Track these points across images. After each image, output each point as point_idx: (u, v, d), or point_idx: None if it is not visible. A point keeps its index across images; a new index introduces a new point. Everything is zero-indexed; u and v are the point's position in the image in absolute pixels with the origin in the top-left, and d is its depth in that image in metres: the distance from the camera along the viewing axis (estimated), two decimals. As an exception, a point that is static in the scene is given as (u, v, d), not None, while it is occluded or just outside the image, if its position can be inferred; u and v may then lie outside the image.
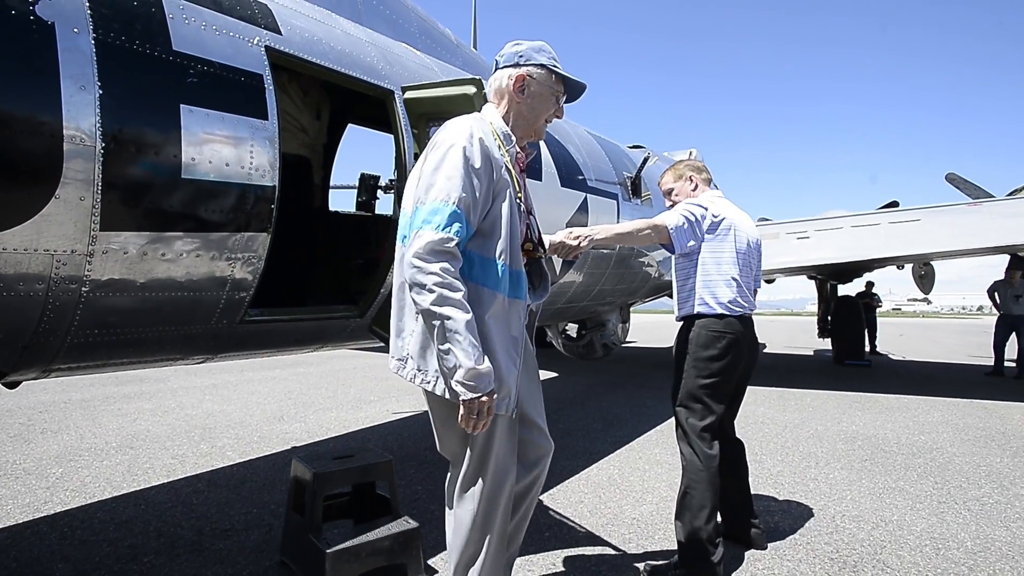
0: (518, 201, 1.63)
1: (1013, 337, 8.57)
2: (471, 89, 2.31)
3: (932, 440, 4.50)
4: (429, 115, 2.64)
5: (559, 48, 1.85)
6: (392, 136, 2.86)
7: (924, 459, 3.95)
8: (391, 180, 4.68)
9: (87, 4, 1.67)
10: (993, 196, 10.31)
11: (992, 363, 8.82)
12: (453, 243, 1.43)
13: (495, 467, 1.60)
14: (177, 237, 1.91)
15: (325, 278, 4.35)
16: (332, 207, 4.83)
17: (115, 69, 1.68)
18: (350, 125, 4.74)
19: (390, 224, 2.83)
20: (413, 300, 1.47)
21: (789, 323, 30.50)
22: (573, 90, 1.78)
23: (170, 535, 2.61)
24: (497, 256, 1.53)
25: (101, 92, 1.64)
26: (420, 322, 1.53)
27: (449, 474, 1.71)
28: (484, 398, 1.44)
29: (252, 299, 2.29)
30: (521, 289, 1.61)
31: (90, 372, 2.13)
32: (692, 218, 2.32)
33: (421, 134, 2.69)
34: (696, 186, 2.57)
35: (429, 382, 1.53)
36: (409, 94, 2.67)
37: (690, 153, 11.12)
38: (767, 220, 11.25)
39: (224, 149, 1.97)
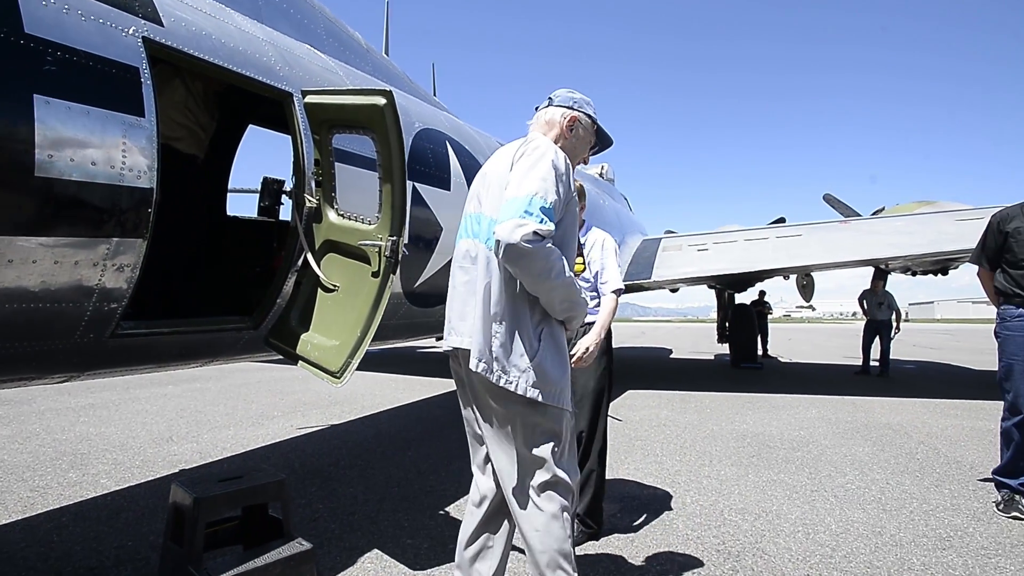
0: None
1: (878, 340, 9.67)
2: (380, 100, 2.27)
3: (809, 434, 4.96)
4: (333, 122, 2.57)
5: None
6: (291, 140, 2.73)
7: (802, 452, 4.35)
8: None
9: (-88, -24, 1.46)
10: (860, 215, 11.65)
11: (860, 363, 9.91)
12: (552, 236, 1.52)
13: (570, 463, 1.70)
14: (28, 242, 1.70)
15: (221, 287, 4.07)
16: (234, 212, 4.56)
17: (-54, 50, 1.48)
18: (251, 127, 4.50)
19: (289, 230, 2.70)
20: (533, 284, 1.55)
21: (695, 329, 32.54)
22: (603, 142, 2.03)
23: (22, 578, 2.31)
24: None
25: (-72, 76, 1.44)
26: (503, 324, 1.60)
27: (517, 482, 1.66)
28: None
29: (125, 311, 2.10)
30: None
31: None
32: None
33: (323, 141, 2.61)
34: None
35: (512, 382, 1.59)
36: (311, 99, 2.59)
37: (603, 167, 11.63)
38: (672, 232, 11.98)
39: (90, 146, 1.80)
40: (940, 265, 9.27)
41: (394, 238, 2.20)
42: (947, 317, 76.48)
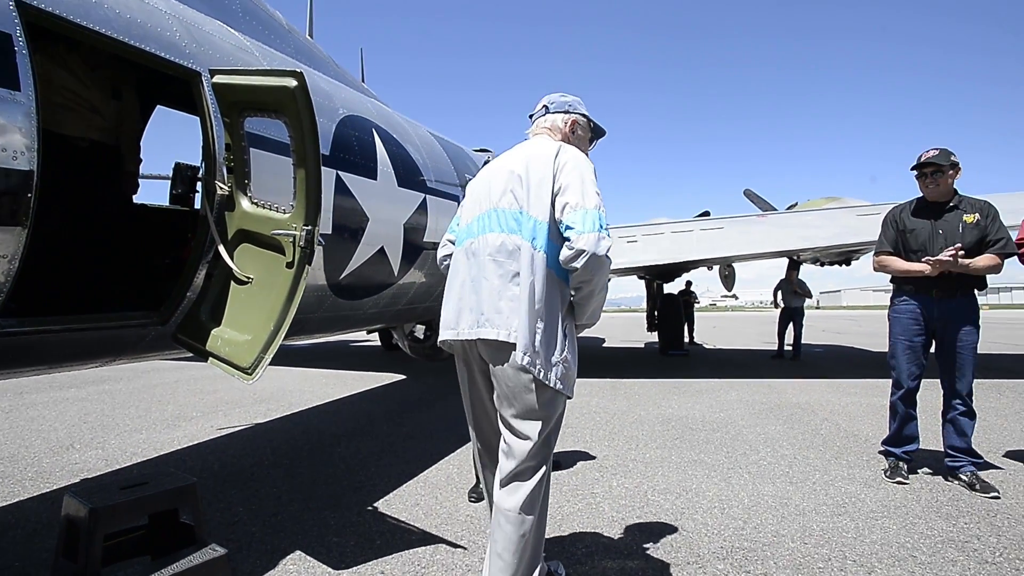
0: None
1: (792, 326, 10.39)
2: (291, 82, 2.17)
3: (728, 416, 5.26)
4: (244, 105, 2.43)
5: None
6: (200, 123, 2.56)
7: (721, 433, 4.60)
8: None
9: None
10: (777, 209, 12.41)
11: (776, 347, 10.62)
12: None
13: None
14: None
15: (126, 280, 3.78)
16: (148, 199, 4.25)
17: None
18: (159, 108, 4.19)
19: (199, 219, 2.53)
20: (593, 290, 1.79)
21: (626, 319, 33.65)
22: (598, 134, 2.18)
23: None
24: None
25: None
26: (543, 322, 1.74)
27: (522, 455, 1.80)
28: None
29: (4, 306, 1.90)
30: None
31: None
32: None
33: (234, 124, 2.47)
34: None
35: (547, 376, 1.75)
36: (219, 79, 2.43)
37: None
38: (604, 225, 12.28)
39: (-50, 122, 1.60)
40: (844, 256, 10.06)
41: (309, 227, 2.11)
42: (852, 304, 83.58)
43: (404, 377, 8.16)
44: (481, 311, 1.78)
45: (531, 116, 2.13)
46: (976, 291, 3.31)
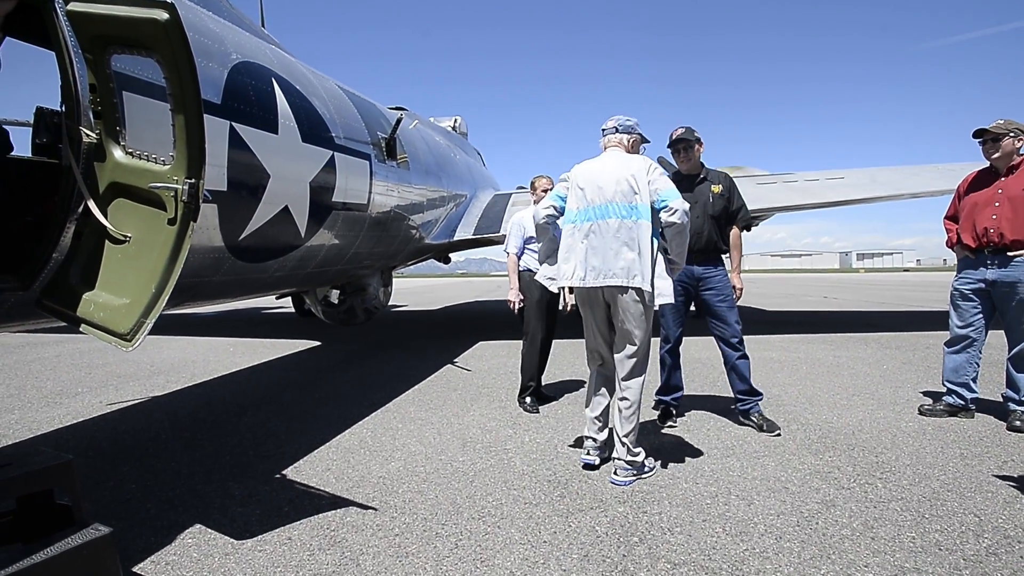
0: None
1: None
2: (161, 14, 1.93)
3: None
4: (109, 39, 2.14)
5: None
6: (56, 59, 2.23)
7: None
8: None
9: None
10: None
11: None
12: None
13: None
14: None
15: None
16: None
17: None
18: (8, 40, 3.61)
19: (64, 171, 2.23)
20: (679, 234, 2.78)
21: (549, 283, 34.36)
22: (644, 141, 3.10)
23: None
24: None
25: None
26: (648, 267, 2.73)
27: (636, 348, 2.85)
28: None
29: None
30: None
31: None
32: None
33: (99, 61, 2.18)
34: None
35: (651, 300, 2.79)
36: (75, 6, 2.12)
37: (455, 120, 11.46)
38: (524, 188, 12.32)
39: None
40: (745, 223, 10.76)
41: (192, 180, 1.92)
42: (753, 268, 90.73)
43: (319, 343, 7.89)
44: (607, 268, 2.75)
45: (603, 130, 3.04)
46: (721, 256, 3.79)
